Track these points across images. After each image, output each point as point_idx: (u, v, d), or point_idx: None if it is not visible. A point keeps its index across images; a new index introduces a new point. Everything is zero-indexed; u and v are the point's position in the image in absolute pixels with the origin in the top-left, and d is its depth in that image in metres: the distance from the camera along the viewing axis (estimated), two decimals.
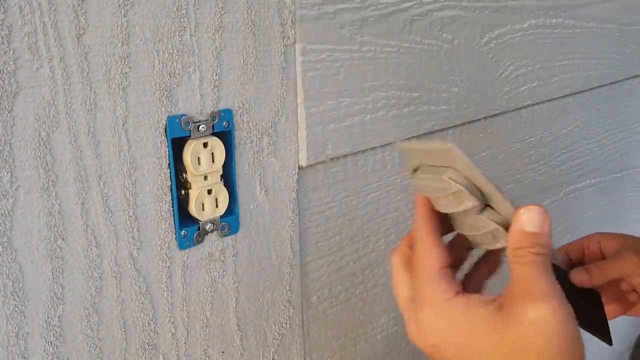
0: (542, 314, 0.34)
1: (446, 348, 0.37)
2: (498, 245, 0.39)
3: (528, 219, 0.36)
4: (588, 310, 0.55)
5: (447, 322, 0.36)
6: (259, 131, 0.52)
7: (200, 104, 0.47)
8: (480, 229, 0.39)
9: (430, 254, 0.38)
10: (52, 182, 0.42)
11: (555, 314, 0.34)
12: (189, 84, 0.46)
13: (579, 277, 0.55)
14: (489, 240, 0.40)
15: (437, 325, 0.37)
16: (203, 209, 0.50)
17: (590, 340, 0.59)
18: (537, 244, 0.36)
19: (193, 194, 0.49)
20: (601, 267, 0.55)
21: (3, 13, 0.37)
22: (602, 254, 0.58)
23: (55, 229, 0.42)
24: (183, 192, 0.50)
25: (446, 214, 0.40)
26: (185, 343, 0.52)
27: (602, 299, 0.56)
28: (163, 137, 0.46)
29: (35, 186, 0.41)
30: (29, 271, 0.42)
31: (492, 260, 0.45)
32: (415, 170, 0.41)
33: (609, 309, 0.55)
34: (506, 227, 0.38)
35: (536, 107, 0.83)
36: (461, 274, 0.43)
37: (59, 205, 0.42)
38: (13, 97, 0.38)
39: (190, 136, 0.48)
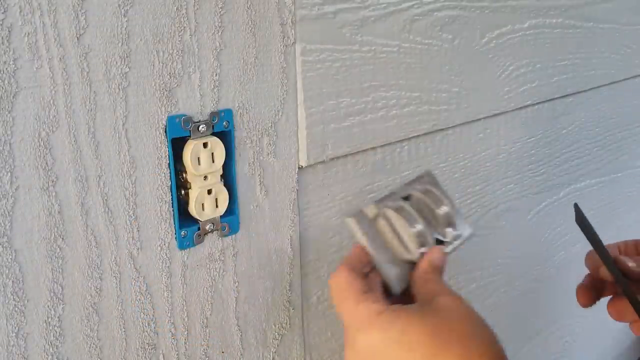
0: (451, 301, 0.42)
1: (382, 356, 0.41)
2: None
3: (436, 257, 0.47)
4: None
5: (378, 336, 0.41)
6: (259, 131, 0.52)
7: (200, 104, 0.47)
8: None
9: (352, 283, 0.44)
10: (52, 182, 0.42)
11: (461, 302, 0.43)
12: (189, 84, 0.46)
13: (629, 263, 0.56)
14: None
15: (368, 341, 0.41)
16: (203, 209, 0.50)
17: (591, 341, 0.59)
18: (440, 272, 0.47)
19: (193, 194, 0.49)
20: None
21: (3, 13, 0.37)
22: None
23: (55, 229, 0.42)
24: (183, 192, 0.50)
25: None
26: (185, 343, 0.52)
27: None
28: (163, 137, 0.46)
29: (35, 186, 0.41)
30: (29, 271, 0.42)
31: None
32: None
33: None
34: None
35: (536, 107, 0.83)
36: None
37: (59, 205, 0.42)
38: (13, 97, 0.38)
39: (190, 136, 0.48)
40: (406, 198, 0.51)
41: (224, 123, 0.49)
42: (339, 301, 0.44)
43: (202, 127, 0.48)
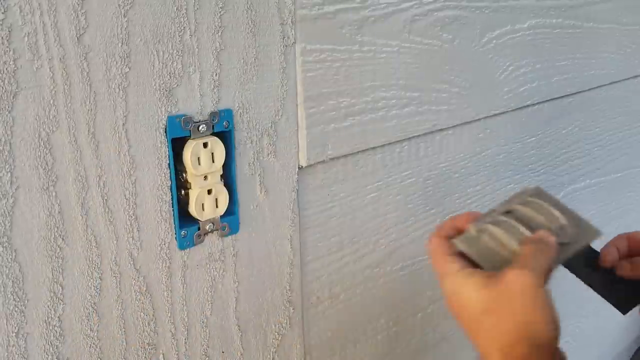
0: (517, 275, 0.45)
1: (459, 305, 0.48)
2: None
3: (543, 233, 0.50)
4: (615, 287, 0.59)
5: (457, 285, 0.48)
6: (259, 131, 0.52)
7: (200, 104, 0.47)
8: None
9: (442, 248, 0.51)
10: (52, 182, 0.42)
11: (527, 280, 0.45)
12: (189, 84, 0.46)
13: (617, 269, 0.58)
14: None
15: (451, 289, 0.49)
16: (203, 209, 0.50)
17: (590, 344, 0.59)
18: (540, 250, 0.49)
19: (193, 194, 0.49)
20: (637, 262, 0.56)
21: (3, 13, 0.37)
22: None
23: (55, 229, 0.42)
24: (183, 192, 0.50)
25: None
26: (185, 343, 0.52)
27: None
28: (163, 137, 0.46)
29: (35, 186, 0.41)
30: (29, 271, 0.42)
31: None
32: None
33: None
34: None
35: (536, 107, 0.83)
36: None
37: (59, 205, 0.42)
38: (13, 97, 0.38)
39: (190, 136, 0.48)
40: (508, 213, 0.54)
41: (224, 123, 0.49)
42: (433, 259, 0.52)
43: (202, 127, 0.48)
